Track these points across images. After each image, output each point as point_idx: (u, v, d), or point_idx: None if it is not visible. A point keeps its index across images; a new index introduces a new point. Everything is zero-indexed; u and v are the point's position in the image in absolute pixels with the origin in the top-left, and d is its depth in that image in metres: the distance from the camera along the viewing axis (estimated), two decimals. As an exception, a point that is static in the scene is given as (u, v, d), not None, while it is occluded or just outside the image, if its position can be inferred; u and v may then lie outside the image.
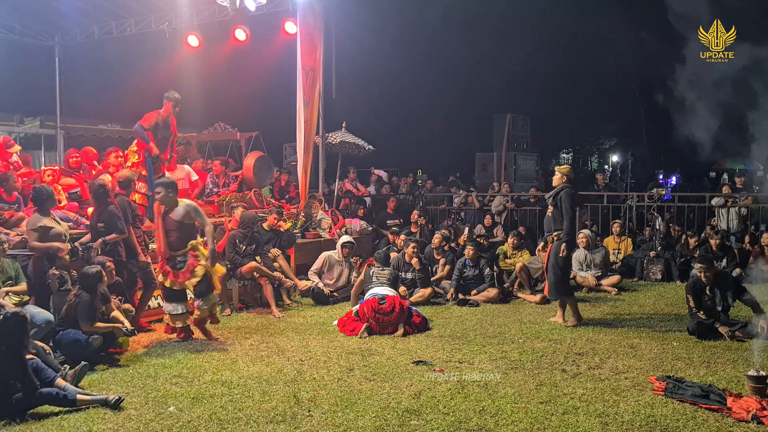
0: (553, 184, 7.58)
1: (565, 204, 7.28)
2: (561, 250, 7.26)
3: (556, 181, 7.53)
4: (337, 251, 9.18)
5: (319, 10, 10.95)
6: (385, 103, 24.64)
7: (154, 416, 4.61)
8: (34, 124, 14.68)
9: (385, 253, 8.49)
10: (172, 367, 5.78)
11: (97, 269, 6.08)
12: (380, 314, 7.01)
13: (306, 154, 10.93)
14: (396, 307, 7.08)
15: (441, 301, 8.90)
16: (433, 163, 22.26)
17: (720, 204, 11.75)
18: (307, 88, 10.76)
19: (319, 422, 4.48)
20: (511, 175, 18.51)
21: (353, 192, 14.02)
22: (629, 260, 10.81)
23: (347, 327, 7.17)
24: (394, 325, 7.01)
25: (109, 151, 9.40)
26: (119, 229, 6.84)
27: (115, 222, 6.82)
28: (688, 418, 4.48)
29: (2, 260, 6.20)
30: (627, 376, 5.45)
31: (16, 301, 6.00)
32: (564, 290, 7.46)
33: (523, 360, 5.93)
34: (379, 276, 7.79)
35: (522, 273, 9.17)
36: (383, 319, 7.01)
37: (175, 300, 6.61)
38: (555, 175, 7.62)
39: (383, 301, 7.12)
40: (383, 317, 7.01)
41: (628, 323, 7.53)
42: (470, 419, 4.51)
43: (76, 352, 5.72)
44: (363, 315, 7.12)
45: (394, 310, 7.05)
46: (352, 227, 11.22)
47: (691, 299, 6.85)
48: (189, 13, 11.74)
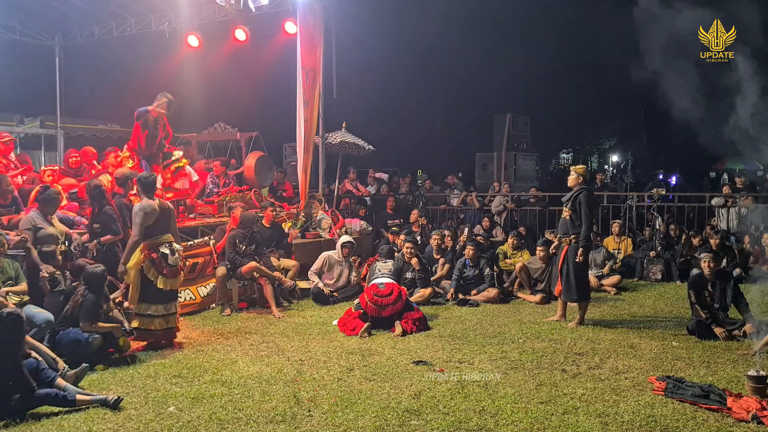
0: (569, 184, 7.47)
1: (584, 208, 7.21)
2: (578, 255, 7.21)
3: (572, 181, 7.43)
4: (336, 251, 9.18)
5: (319, 10, 10.95)
6: (385, 103, 24.63)
7: (154, 416, 4.61)
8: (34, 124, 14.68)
9: (389, 248, 8.62)
10: (172, 367, 5.78)
11: (101, 268, 6.09)
12: (378, 296, 7.20)
13: (306, 154, 10.93)
14: (395, 291, 7.27)
15: (441, 301, 8.91)
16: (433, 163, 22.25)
17: (720, 204, 11.75)
18: (307, 88, 10.76)
19: (319, 422, 4.48)
20: (511, 175, 18.51)
21: (353, 192, 14.01)
22: (629, 260, 10.81)
23: (348, 326, 7.18)
24: (393, 308, 7.14)
25: (108, 152, 9.42)
26: (113, 230, 6.87)
27: (110, 223, 6.85)
28: (688, 418, 4.48)
29: (2, 260, 6.19)
30: (627, 376, 5.45)
31: (16, 301, 5.98)
32: (583, 293, 7.42)
33: (523, 360, 5.93)
34: (382, 269, 7.93)
35: (522, 273, 9.17)
36: (381, 301, 7.18)
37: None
38: (570, 175, 7.50)
39: (382, 285, 7.34)
40: (381, 299, 7.18)
41: (628, 323, 7.54)
42: (470, 419, 4.51)
43: (76, 351, 5.72)
44: (364, 303, 7.27)
45: (392, 293, 7.24)
46: (352, 227, 11.21)
47: (693, 294, 6.85)
48: (189, 13, 11.74)
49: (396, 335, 6.92)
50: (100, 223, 6.86)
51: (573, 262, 7.27)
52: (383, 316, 7.17)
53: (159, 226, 6.46)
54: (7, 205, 7.47)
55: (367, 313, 7.21)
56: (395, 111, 25.29)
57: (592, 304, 8.57)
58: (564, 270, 7.41)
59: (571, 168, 7.76)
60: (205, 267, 8.52)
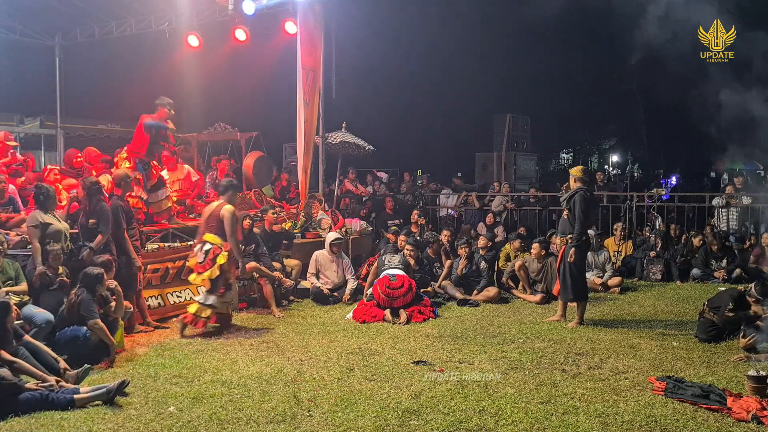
0: (570, 187, 7.51)
1: (578, 208, 7.24)
2: (570, 255, 7.24)
3: (571, 184, 7.48)
4: (326, 250, 9.15)
5: (319, 10, 10.95)
6: (385, 103, 24.62)
7: (154, 416, 4.61)
8: (34, 124, 14.70)
9: (394, 244, 8.76)
10: (172, 367, 5.78)
11: (99, 271, 6.09)
12: (391, 289, 7.61)
13: (306, 154, 10.93)
14: (405, 284, 7.69)
15: (441, 301, 8.90)
16: (433, 163, 22.26)
17: (720, 204, 11.75)
18: (307, 88, 10.76)
19: (319, 422, 4.48)
20: (511, 175, 18.51)
21: (353, 192, 14.01)
22: (629, 260, 10.81)
23: (368, 314, 7.57)
24: (404, 300, 7.55)
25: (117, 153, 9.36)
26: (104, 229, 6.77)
27: (105, 220, 6.75)
28: (688, 418, 4.48)
29: (2, 260, 6.20)
30: (627, 376, 5.45)
31: (16, 302, 5.99)
32: (579, 293, 7.43)
33: (523, 360, 5.93)
34: (390, 260, 8.24)
35: (521, 272, 9.16)
36: (393, 293, 7.61)
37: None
38: (570, 179, 7.54)
39: (394, 278, 7.73)
40: (393, 291, 7.61)
41: (628, 323, 7.54)
42: (470, 419, 4.50)
43: (76, 348, 5.73)
44: (377, 294, 7.65)
45: (403, 286, 7.65)
46: (352, 227, 11.20)
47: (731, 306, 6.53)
48: (189, 13, 11.74)
49: (401, 323, 7.34)
50: (96, 218, 6.77)
51: (568, 262, 7.30)
52: (395, 307, 7.59)
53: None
54: (3, 203, 7.46)
55: (380, 304, 7.62)
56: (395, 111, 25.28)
57: (592, 304, 8.58)
58: (561, 269, 7.45)
59: (569, 171, 7.79)
60: (205, 267, 8.51)
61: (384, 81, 23.81)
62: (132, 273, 7.03)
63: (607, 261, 9.88)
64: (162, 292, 7.88)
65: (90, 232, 6.77)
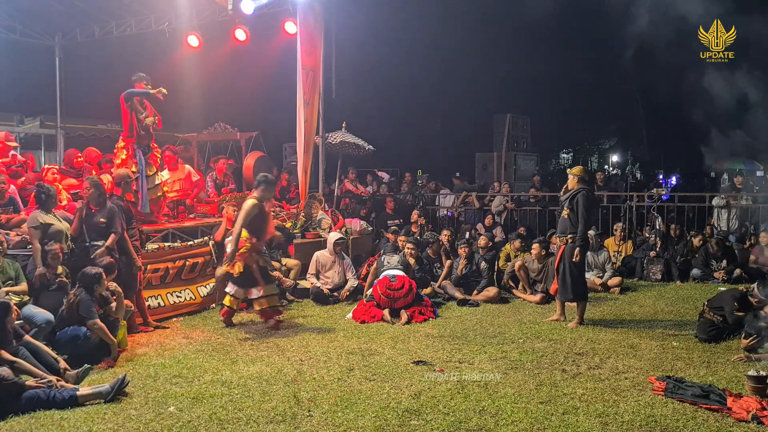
0: (569, 187, 7.47)
1: (581, 207, 7.21)
2: (574, 255, 7.21)
3: (572, 184, 7.43)
4: (328, 249, 9.15)
5: (319, 10, 10.95)
6: (385, 103, 24.60)
7: (154, 416, 4.61)
8: (34, 124, 14.69)
9: (394, 244, 8.73)
10: (172, 367, 5.78)
11: (97, 271, 6.09)
12: (391, 290, 7.61)
13: (306, 154, 10.93)
14: (406, 285, 7.68)
15: (441, 301, 8.90)
16: (433, 163, 22.25)
17: (720, 204, 11.75)
18: (307, 88, 10.76)
19: (319, 422, 4.48)
20: (511, 175, 18.51)
21: (353, 192, 14.01)
22: (629, 260, 10.81)
23: (368, 314, 7.57)
24: (404, 300, 7.55)
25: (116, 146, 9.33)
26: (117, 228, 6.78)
27: (115, 219, 6.76)
28: (688, 418, 4.48)
29: (2, 260, 6.20)
30: (627, 376, 5.45)
31: (16, 302, 5.99)
32: (579, 293, 7.42)
33: (523, 360, 5.93)
34: (390, 261, 8.24)
35: (521, 271, 9.16)
36: (393, 294, 7.60)
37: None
38: (569, 179, 7.50)
39: (394, 279, 7.72)
40: (393, 292, 7.61)
41: (628, 323, 7.53)
42: (470, 419, 4.50)
43: (76, 348, 5.73)
44: (377, 295, 7.66)
45: (404, 287, 7.65)
46: (352, 227, 11.21)
47: (737, 307, 6.51)
48: (189, 13, 11.74)
49: (402, 323, 7.34)
50: (106, 217, 6.76)
51: (569, 262, 7.28)
52: (395, 308, 7.60)
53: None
54: (3, 204, 7.46)
55: (380, 305, 7.63)
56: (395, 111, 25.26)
57: (592, 304, 8.58)
58: (560, 269, 7.43)
59: (568, 171, 7.78)
60: (205, 267, 8.52)
61: (384, 81, 23.78)
62: (132, 273, 7.03)
63: (607, 261, 9.87)
64: (162, 292, 7.89)
65: (101, 230, 6.75)
